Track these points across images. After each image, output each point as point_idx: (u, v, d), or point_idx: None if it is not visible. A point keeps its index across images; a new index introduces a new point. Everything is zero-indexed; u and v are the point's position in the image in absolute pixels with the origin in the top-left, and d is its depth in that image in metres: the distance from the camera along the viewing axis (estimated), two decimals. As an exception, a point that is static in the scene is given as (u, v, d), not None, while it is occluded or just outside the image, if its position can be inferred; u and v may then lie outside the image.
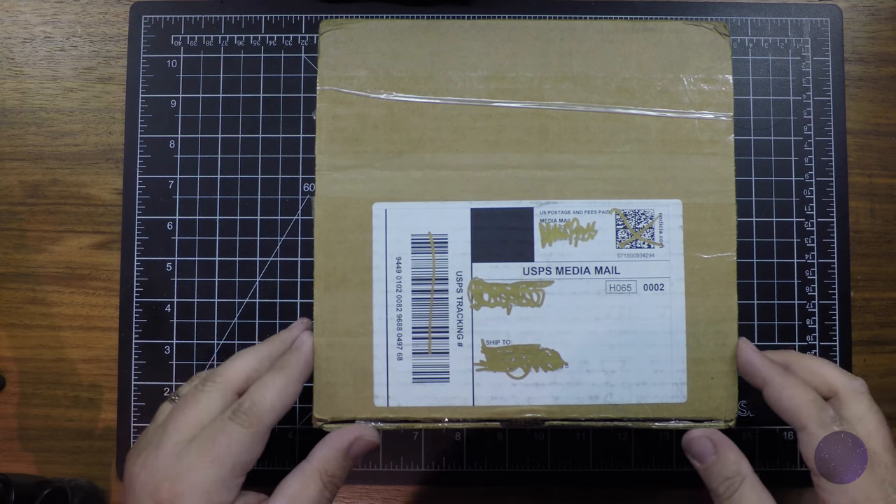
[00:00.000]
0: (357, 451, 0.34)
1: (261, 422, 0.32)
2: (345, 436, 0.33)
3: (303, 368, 0.35)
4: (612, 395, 0.36)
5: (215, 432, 0.31)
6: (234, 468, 0.31)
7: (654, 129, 0.37)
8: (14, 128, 0.47)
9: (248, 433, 0.31)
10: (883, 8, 0.48)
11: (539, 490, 0.46)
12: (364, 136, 0.37)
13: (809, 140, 0.47)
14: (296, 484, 0.32)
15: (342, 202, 0.37)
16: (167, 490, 0.30)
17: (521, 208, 0.36)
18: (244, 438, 0.31)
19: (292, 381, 0.34)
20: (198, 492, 0.30)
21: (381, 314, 0.36)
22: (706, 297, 0.36)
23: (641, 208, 0.36)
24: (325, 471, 0.32)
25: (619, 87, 0.37)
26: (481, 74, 0.37)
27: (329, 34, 0.37)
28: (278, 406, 0.33)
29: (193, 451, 0.31)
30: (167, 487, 0.30)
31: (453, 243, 0.36)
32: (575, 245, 0.36)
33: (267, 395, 0.32)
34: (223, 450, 0.31)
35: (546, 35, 0.37)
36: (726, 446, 0.34)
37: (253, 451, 0.32)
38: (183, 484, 0.30)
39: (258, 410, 0.32)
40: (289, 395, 0.33)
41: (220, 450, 0.31)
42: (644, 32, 0.37)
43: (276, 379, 0.33)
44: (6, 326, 0.46)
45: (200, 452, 0.31)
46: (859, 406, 0.34)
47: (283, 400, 0.33)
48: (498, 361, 0.36)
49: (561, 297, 0.36)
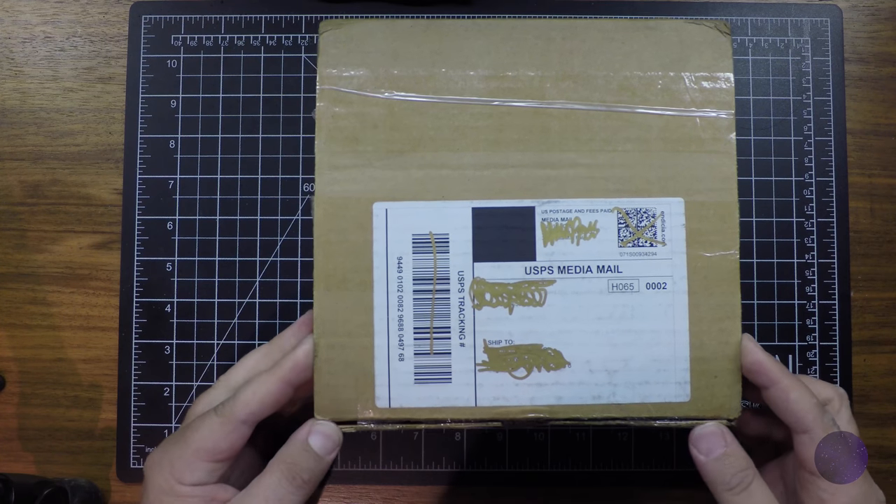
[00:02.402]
0: (319, 445, 0.34)
1: (232, 413, 0.33)
2: (303, 429, 0.34)
3: (289, 369, 0.34)
4: (616, 394, 0.36)
5: (195, 419, 0.33)
6: (197, 451, 0.32)
7: (656, 128, 0.37)
8: (14, 128, 0.47)
9: (217, 421, 0.32)
10: (883, 8, 0.48)
11: (539, 490, 0.46)
12: (364, 135, 0.37)
13: (809, 140, 0.47)
14: (262, 478, 0.33)
15: (342, 202, 0.36)
16: (150, 457, 0.33)
17: (522, 207, 0.36)
18: (213, 426, 0.32)
19: (275, 381, 0.33)
20: (165, 463, 0.32)
21: (381, 315, 0.36)
22: (709, 295, 0.36)
23: (643, 207, 0.36)
24: (291, 465, 0.33)
25: (621, 86, 0.37)
26: (482, 73, 0.37)
27: (329, 34, 0.37)
28: (252, 402, 0.33)
29: (177, 432, 0.34)
30: (152, 455, 0.34)
31: (454, 243, 0.36)
32: (577, 244, 0.36)
33: (246, 391, 0.33)
34: (191, 433, 0.32)
35: (547, 34, 0.37)
36: (736, 441, 0.35)
37: (219, 440, 0.32)
38: (156, 454, 0.33)
39: (233, 404, 0.33)
40: (268, 393, 0.33)
41: (189, 432, 0.33)
42: (645, 31, 0.37)
43: (259, 378, 0.34)
44: (6, 326, 0.46)
45: (177, 433, 0.34)
46: (846, 413, 0.36)
47: (258, 397, 0.33)
48: (500, 361, 0.36)
49: (563, 297, 0.36)
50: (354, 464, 0.45)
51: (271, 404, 0.33)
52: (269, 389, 0.33)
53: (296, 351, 0.34)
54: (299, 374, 0.34)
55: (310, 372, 0.34)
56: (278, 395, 0.33)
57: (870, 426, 0.46)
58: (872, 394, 0.46)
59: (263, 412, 0.33)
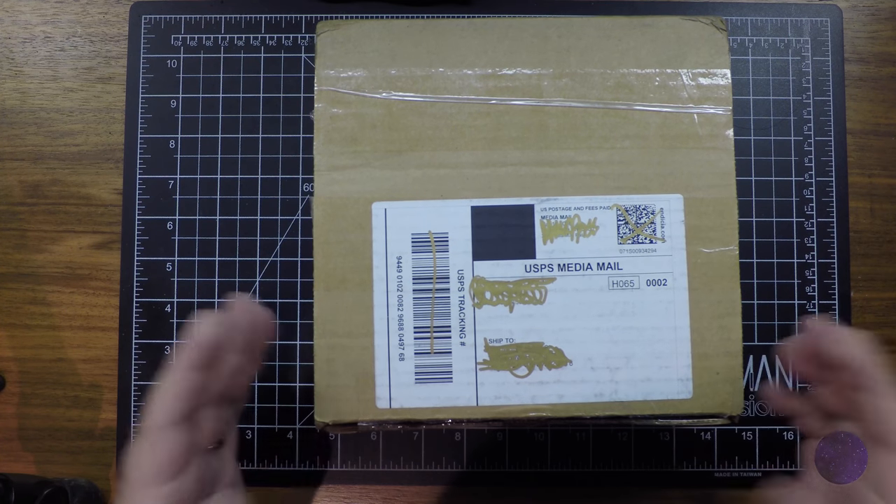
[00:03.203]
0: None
1: (152, 424, 0.30)
2: None
3: (189, 354, 0.31)
4: (618, 391, 0.36)
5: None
6: (135, 483, 0.30)
7: (654, 125, 0.37)
8: (14, 128, 0.47)
9: (142, 442, 0.30)
10: (883, 8, 0.48)
11: (539, 490, 0.46)
12: (362, 135, 0.37)
13: (809, 140, 0.47)
14: None
15: (341, 202, 0.36)
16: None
17: (521, 205, 0.36)
18: (141, 449, 0.30)
19: (180, 371, 0.31)
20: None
21: (382, 314, 0.36)
22: (709, 291, 0.36)
23: (642, 203, 0.36)
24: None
25: (618, 83, 0.37)
26: (479, 72, 0.37)
27: (326, 35, 0.37)
28: (166, 402, 0.30)
29: None
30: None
31: (454, 242, 0.36)
32: (576, 241, 0.36)
33: (156, 396, 0.31)
34: (127, 469, 0.30)
35: (544, 32, 0.37)
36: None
37: (153, 459, 0.30)
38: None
39: (148, 416, 0.30)
40: (177, 386, 0.30)
41: (126, 470, 0.30)
42: (641, 28, 0.37)
43: (164, 378, 0.31)
44: (6, 326, 0.46)
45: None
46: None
47: (169, 394, 0.30)
48: (501, 360, 0.36)
49: (563, 294, 0.36)
50: (354, 464, 0.45)
51: (187, 396, 0.30)
52: (176, 382, 0.30)
53: (191, 335, 0.31)
54: (203, 353, 0.31)
55: (215, 346, 0.31)
56: (191, 384, 0.31)
57: (871, 426, 0.46)
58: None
59: (183, 408, 0.30)
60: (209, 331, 0.31)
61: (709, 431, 0.45)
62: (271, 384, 0.45)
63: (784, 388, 0.37)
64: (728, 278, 0.36)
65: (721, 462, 0.45)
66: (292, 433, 0.45)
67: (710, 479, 0.45)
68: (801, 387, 0.46)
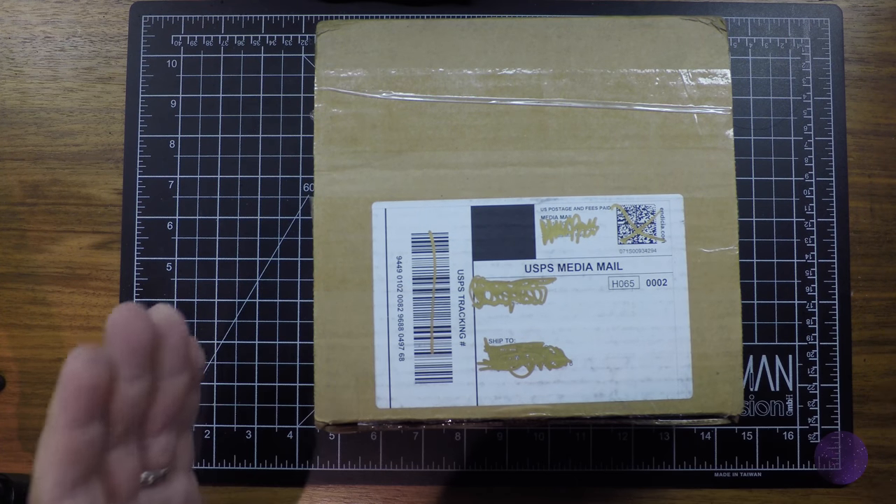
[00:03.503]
0: None
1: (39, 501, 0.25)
2: None
3: (64, 406, 0.25)
4: (618, 392, 0.36)
5: None
6: None
7: (654, 125, 0.37)
8: (14, 128, 0.47)
9: None
10: (883, 8, 0.48)
11: (539, 490, 0.46)
12: (362, 135, 0.37)
13: (809, 140, 0.47)
14: None
15: (341, 202, 0.36)
16: None
17: (521, 205, 0.36)
18: None
19: (60, 429, 0.25)
20: None
21: (381, 314, 0.36)
22: (709, 291, 0.36)
23: (642, 203, 0.36)
24: None
25: (618, 83, 0.37)
26: (479, 72, 0.37)
27: (326, 35, 0.37)
28: (48, 474, 0.24)
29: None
30: None
31: (454, 242, 0.36)
32: (576, 241, 0.36)
33: (36, 471, 0.25)
34: None
35: (543, 32, 0.37)
36: None
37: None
38: None
39: (33, 492, 0.25)
40: (58, 451, 0.24)
41: None
42: (641, 28, 0.37)
43: (40, 446, 0.25)
44: (6, 326, 0.46)
45: None
46: None
47: (49, 462, 0.25)
48: (501, 360, 0.36)
49: (563, 294, 0.36)
50: (354, 464, 0.45)
51: (74, 460, 0.25)
52: (56, 447, 0.25)
53: (60, 382, 0.25)
54: (82, 402, 0.25)
55: (94, 387, 0.25)
56: (74, 444, 0.25)
57: (870, 426, 0.46)
58: (872, 394, 0.46)
59: (73, 475, 0.25)
60: (83, 373, 0.24)
61: (709, 431, 0.45)
62: (271, 384, 0.45)
63: None
64: (728, 278, 0.36)
65: (721, 462, 0.45)
66: (292, 433, 0.45)
67: (710, 479, 0.45)
68: (800, 387, 0.46)
